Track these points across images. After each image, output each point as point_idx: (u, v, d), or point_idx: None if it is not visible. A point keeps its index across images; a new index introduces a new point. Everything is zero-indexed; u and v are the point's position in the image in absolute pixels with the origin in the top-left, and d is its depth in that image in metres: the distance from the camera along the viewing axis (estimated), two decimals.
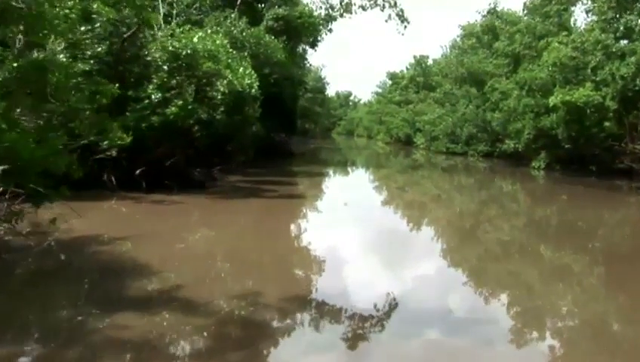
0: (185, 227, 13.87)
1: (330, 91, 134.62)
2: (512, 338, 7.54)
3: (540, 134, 34.86)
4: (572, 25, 40.09)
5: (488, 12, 52.95)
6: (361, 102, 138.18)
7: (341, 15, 34.73)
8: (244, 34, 24.94)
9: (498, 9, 51.83)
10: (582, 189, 27.99)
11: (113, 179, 18.29)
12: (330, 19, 35.88)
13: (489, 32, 51.71)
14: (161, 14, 22.24)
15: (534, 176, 34.85)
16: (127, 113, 18.31)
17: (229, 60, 20.33)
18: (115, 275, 9.13)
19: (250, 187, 21.89)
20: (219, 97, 18.43)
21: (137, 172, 18.25)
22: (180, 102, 17.85)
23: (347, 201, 19.87)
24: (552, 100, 30.46)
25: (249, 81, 18.38)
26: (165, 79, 18.44)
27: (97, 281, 9.07)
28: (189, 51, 17.90)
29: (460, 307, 8.71)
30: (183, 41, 17.97)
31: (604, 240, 15.68)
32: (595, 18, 34.34)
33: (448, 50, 67.60)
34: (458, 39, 62.79)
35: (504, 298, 9.58)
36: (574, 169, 33.07)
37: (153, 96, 18.10)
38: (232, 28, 25.03)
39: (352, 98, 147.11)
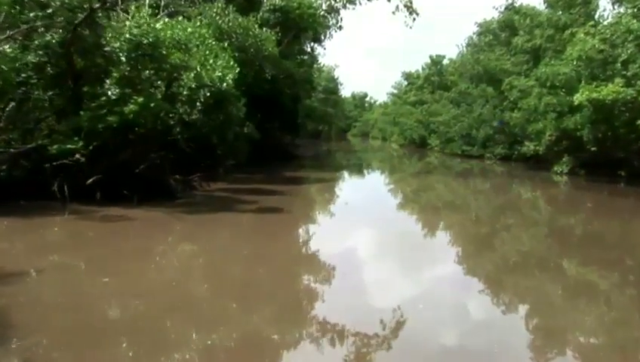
0: (108, 259, 10.77)
1: (346, 92, 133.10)
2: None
3: (563, 136, 31.99)
4: (597, 19, 37.10)
5: (506, 8, 50.67)
6: (377, 103, 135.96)
7: (344, 6, 31.98)
8: (230, 24, 22.22)
9: (516, 4, 49.28)
10: (609, 197, 25.63)
11: (66, 188, 15.78)
12: (332, 10, 33.21)
13: (506, 28, 49.53)
14: (146, 5, 19.71)
15: (556, 181, 32.03)
16: (82, 112, 15.80)
17: (207, 52, 17.74)
18: None
19: (228, 197, 19.24)
20: (185, 93, 15.77)
21: (89, 181, 15.65)
22: (141, 99, 15.25)
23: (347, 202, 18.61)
24: (576, 98, 27.44)
25: (219, 74, 15.61)
26: (127, 73, 15.88)
27: None
28: (150, 40, 15.28)
29: (475, 327, 8.01)
30: (145, 27, 15.33)
31: (635, 256, 13.44)
32: (622, 10, 31.53)
33: (464, 49, 64.77)
34: (474, 37, 60.06)
35: (521, 316, 8.82)
36: (601, 174, 30.23)
37: (110, 93, 15.55)
38: (217, 17, 22.34)
39: (367, 99, 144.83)
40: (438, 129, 59.25)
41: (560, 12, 37.99)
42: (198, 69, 15.70)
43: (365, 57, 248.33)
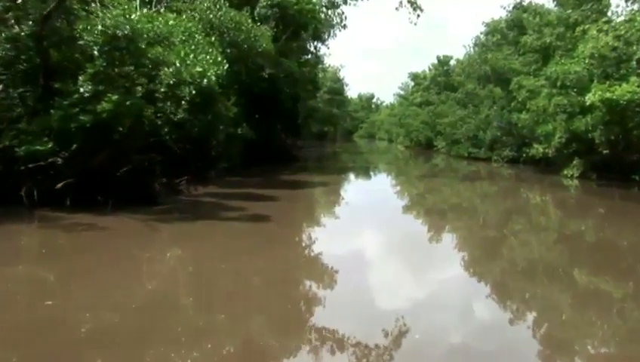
0: (56, 277, 9.59)
1: (353, 93, 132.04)
2: None
3: (574, 138, 30.43)
4: (610, 16, 35.68)
5: (514, 7, 49.79)
6: (384, 104, 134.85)
7: (345, 1, 30.62)
8: (221, 18, 20.98)
9: (524, 3, 48.45)
10: (622, 202, 24.50)
11: (35, 193, 14.58)
12: (333, 6, 31.91)
13: (515, 27, 48.40)
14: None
15: (566, 185, 30.68)
16: (52, 111, 14.60)
17: (192, 46, 16.52)
18: None
19: (213, 203, 17.93)
20: (162, 90, 14.51)
21: (59, 186, 14.42)
22: (115, 97, 14.02)
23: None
24: (589, 98, 25.99)
25: (200, 69, 14.34)
26: (102, 68, 14.66)
27: None
28: (126, 32, 14.04)
29: (481, 338, 7.68)
30: (120, 19, 14.10)
31: None
32: (635, 7, 30.20)
33: (471, 49, 63.39)
34: (482, 36, 58.73)
35: (529, 327, 8.36)
36: (613, 178, 28.94)
37: (82, 89, 14.33)
38: (208, 11, 21.10)
39: (374, 100, 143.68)
40: (445, 130, 58.06)
41: (570, 10, 36.56)
42: (178, 64, 14.40)
43: (372, 58, 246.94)
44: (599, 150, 28.86)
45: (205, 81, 14.36)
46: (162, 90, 14.48)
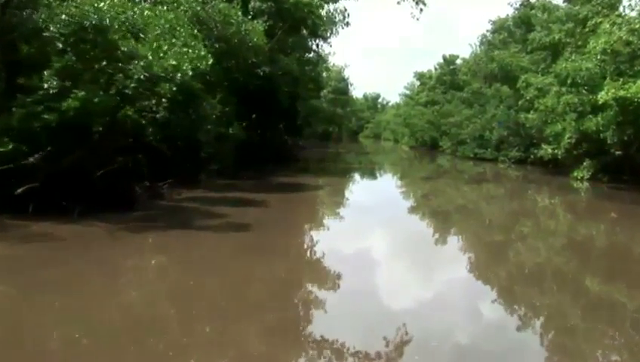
0: None
1: (359, 93, 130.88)
2: None
3: (584, 138, 29.10)
4: (622, 11, 34.27)
5: (521, 4, 48.82)
6: (390, 104, 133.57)
7: None
8: (209, 10, 19.69)
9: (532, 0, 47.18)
10: (634, 206, 23.29)
11: None
12: (332, 0, 30.59)
13: (522, 24, 47.22)
14: None
15: (576, 188, 29.47)
16: (14, 109, 13.37)
17: (174, 40, 15.27)
18: None
19: (195, 209, 16.58)
20: (132, 85, 13.20)
21: (19, 191, 13.13)
22: (82, 94, 12.76)
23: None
24: (601, 96, 24.55)
25: (174, 63, 13.05)
26: (70, 62, 13.41)
27: None
28: (94, 22, 12.77)
29: (485, 350, 7.30)
30: (87, 8, 12.83)
31: None
32: None
33: (478, 48, 62.05)
34: (488, 34, 57.41)
35: (536, 337, 8.03)
36: (626, 181, 27.69)
37: (47, 85, 13.08)
38: (194, 3, 19.79)
39: (380, 100, 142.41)
40: (450, 131, 56.91)
41: (579, 5, 35.14)
42: (150, 58, 13.11)
43: (379, 58, 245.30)
44: (611, 151, 27.67)
45: (179, 75, 13.02)
46: (132, 85, 13.12)
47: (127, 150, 17.30)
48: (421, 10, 28.63)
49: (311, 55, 43.88)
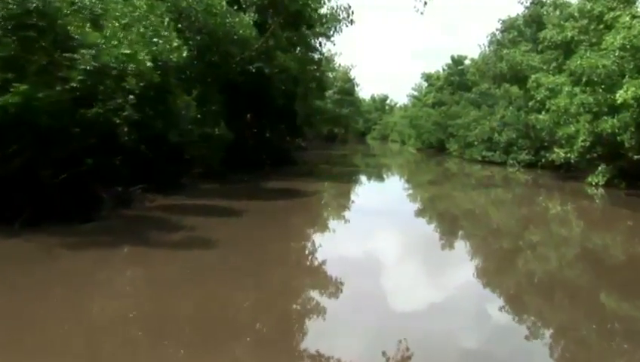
0: None
1: (366, 94, 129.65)
2: None
3: (599, 140, 27.31)
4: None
5: (532, 2, 47.12)
6: (397, 105, 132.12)
7: None
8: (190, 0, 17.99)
9: None
10: None
11: None
12: None
13: (533, 23, 45.84)
14: None
15: (590, 194, 27.81)
16: None
17: (142, 28, 13.60)
18: None
19: (161, 219, 14.82)
20: (78, 78, 11.48)
21: None
22: (24, 87, 11.08)
23: None
24: (620, 95, 22.72)
25: (128, 52, 11.33)
26: (14, 52, 11.73)
27: None
28: (38, 4, 11.08)
29: None
30: None
31: None
32: None
33: (487, 48, 60.36)
34: (497, 34, 55.66)
35: (547, 348, 7.61)
36: None
37: None
38: None
39: (388, 101, 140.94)
40: (457, 132, 55.20)
41: (592, 2, 33.29)
42: (104, 46, 11.40)
43: (387, 59, 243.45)
44: (629, 155, 25.75)
45: (132, 66, 11.28)
46: (79, 77, 11.40)
47: (99, 151, 15.66)
48: (425, 3, 27.01)
49: (316, 55, 42.48)
